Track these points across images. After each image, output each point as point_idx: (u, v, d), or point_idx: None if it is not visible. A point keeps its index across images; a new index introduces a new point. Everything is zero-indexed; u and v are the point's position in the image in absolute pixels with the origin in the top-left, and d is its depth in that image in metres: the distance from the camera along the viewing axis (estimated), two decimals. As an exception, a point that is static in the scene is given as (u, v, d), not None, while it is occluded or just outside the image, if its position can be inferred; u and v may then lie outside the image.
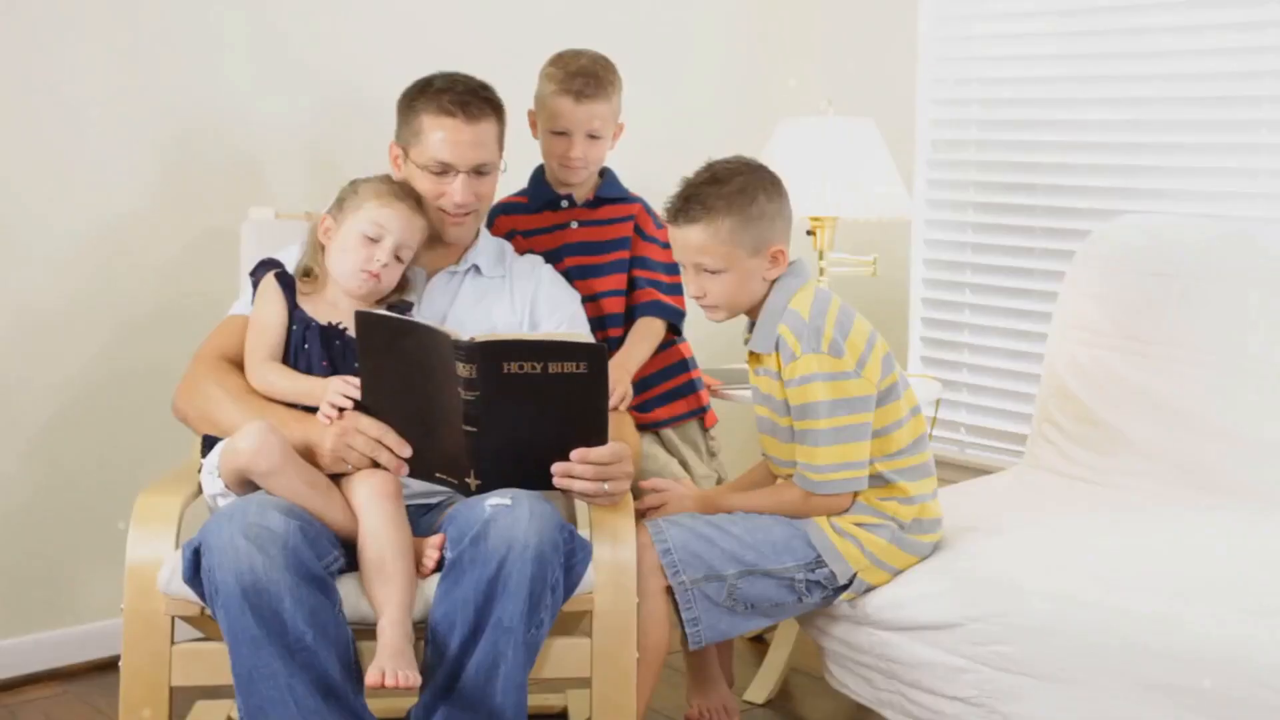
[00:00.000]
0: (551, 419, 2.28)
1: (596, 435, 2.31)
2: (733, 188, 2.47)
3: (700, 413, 2.99)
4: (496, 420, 2.26)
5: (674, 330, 2.92)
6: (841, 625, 2.58)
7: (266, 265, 2.55)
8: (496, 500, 2.27)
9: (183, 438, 2.72)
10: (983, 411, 3.81)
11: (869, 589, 2.53)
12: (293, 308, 2.49)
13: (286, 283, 2.51)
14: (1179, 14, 3.37)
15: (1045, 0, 3.61)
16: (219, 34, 3.24)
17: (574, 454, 2.30)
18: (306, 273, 2.54)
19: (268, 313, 2.49)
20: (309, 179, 3.34)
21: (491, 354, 2.22)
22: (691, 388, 2.97)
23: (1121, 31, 3.47)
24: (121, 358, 3.20)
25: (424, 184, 2.60)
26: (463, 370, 2.23)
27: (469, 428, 2.27)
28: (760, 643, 3.29)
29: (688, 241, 2.50)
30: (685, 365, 2.96)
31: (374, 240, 2.48)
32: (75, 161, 3.11)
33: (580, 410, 2.29)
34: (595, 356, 2.25)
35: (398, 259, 2.50)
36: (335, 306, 2.50)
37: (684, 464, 2.93)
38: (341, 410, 2.36)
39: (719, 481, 2.95)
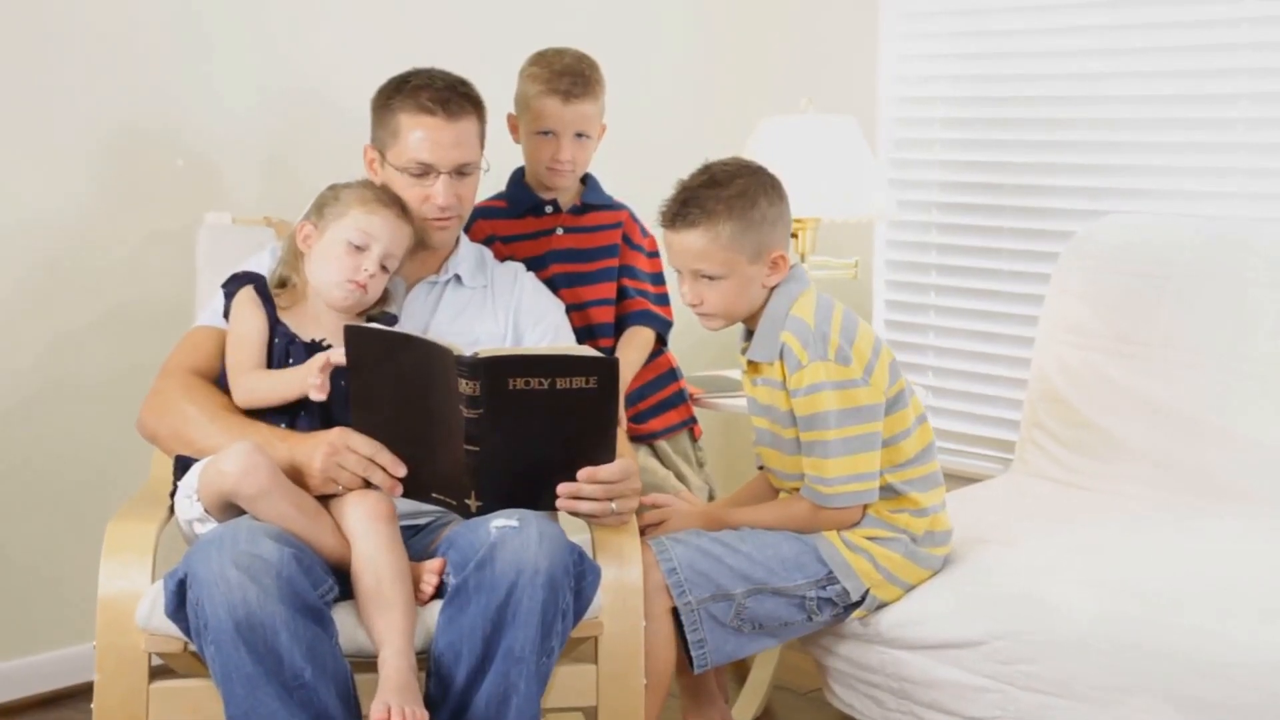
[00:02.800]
0: (558, 436, 2.17)
1: (604, 453, 2.21)
2: (732, 191, 2.38)
3: (691, 423, 2.90)
4: (500, 439, 2.14)
5: (660, 340, 2.83)
6: (849, 644, 2.50)
7: (242, 278, 2.39)
8: (502, 522, 2.14)
9: (134, 455, 2.56)
10: (948, 415, 3.75)
11: (880, 605, 2.44)
12: (274, 322, 2.34)
13: (266, 295, 2.35)
14: (1148, 10, 3.32)
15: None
16: (174, 29, 3.07)
17: (582, 473, 2.19)
18: (283, 283, 2.40)
19: (249, 328, 2.33)
20: (264, 182, 3.19)
21: (497, 370, 2.10)
22: (681, 398, 2.88)
23: (1090, 29, 3.42)
24: (60, 367, 3.01)
25: (403, 187, 2.46)
26: (465, 387, 2.11)
27: (470, 447, 2.15)
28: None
29: (685, 247, 2.39)
30: (674, 375, 2.87)
31: (360, 249, 2.33)
32: (16, 158, 2.92)
33: (588, 427, 2.18)
34: (606, 371, 2.14)
35: (383, 268, 2.37)
36: (319, 321, 2.35)
37: (679, 476, 2.83)
38: (331, 384, 2.23)
39: (711, 493, 2.86)
